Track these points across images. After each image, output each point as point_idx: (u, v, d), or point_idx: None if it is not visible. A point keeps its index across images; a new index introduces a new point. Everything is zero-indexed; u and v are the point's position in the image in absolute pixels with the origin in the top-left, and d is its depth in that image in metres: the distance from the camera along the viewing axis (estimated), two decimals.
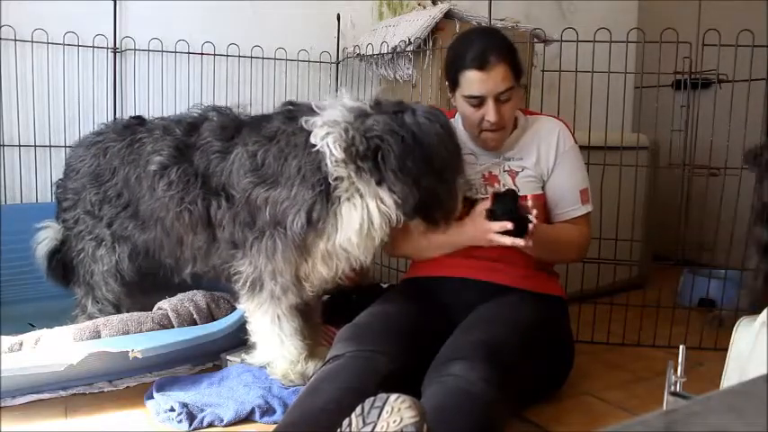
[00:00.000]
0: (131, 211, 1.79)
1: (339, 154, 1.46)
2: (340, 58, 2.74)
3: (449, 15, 2.41)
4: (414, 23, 2.38)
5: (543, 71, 2.12)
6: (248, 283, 1.60)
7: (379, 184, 1.47)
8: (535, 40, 2.41)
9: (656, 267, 2.77)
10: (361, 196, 1.49)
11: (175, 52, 2.43)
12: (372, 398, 1.09)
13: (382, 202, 1.48)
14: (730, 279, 2.29)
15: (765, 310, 1.04)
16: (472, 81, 1.55)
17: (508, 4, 2.89)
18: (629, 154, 2.20)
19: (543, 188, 1.69)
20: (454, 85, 1.61)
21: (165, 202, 1.68)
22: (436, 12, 2.38)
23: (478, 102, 1.56)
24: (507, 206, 1.41)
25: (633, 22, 3.15)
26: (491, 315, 1.49)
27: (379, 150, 1.45)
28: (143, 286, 1.91)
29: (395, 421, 1.04)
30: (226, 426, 1.42)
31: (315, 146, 1.49)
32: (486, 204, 1.45)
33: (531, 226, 1.39)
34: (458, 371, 1.28)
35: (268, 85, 2.63)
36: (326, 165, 1.47)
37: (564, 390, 1.65)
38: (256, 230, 1.58)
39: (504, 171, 1.67)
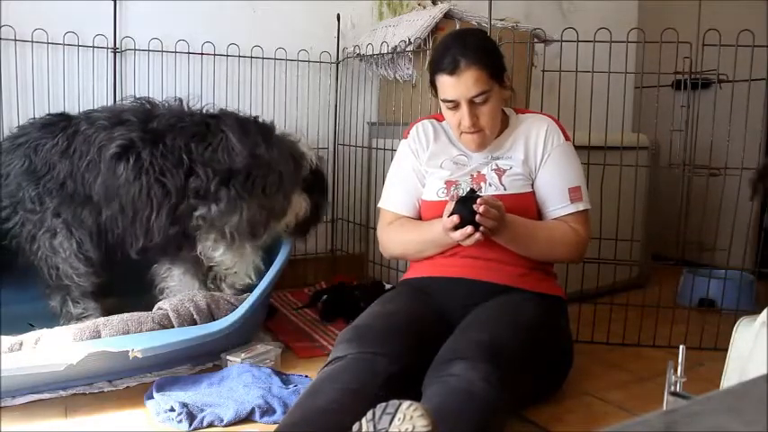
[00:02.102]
0: (82, 197, 1.86)
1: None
2: (340, 58, 2.74)
3: (449, 15, 2.41)
4: (414, 23, 2.38)
5: (543, 71, 2.12)
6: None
7: None
8: (535, 40, 2.41)
9: (656, 267, 2.77)
10: None
11: (175, 52, 2.43)
12: (384, 403, 1.09)
13: None
14: (730, 279, 2.29)
15: (765, 310, 1.04)
16: (445, 86, 1.58)
17: (508, 4, 2.89)
18: (629, 154, 2.20)
19: (533, 186, 1.68)
20: (435, 89, 1.64)
21: (129, 182, 1.84)
22: (436, 12, 2.38)
23: (454, 105, 1.59)
24: (461, 206, 1.48)
25: (633, 22, 3.15)
26: (490, 315, 1.49)
27: None
28: (109, 264, 1.95)
29: (407, 429, 1.03)
30: (226, 426, 1.42)
31: None
32: (450, 206, 1.51)
33: (477, 217, 1.44)
34: (459, 371, 1.27)
35: (268, 85, 2.63)
36: None
37: (564, 390, 1.65)
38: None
39: (492, 170, 1.66)
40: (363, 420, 1.08)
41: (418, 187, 1.73)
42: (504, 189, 1.63)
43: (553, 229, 1.64)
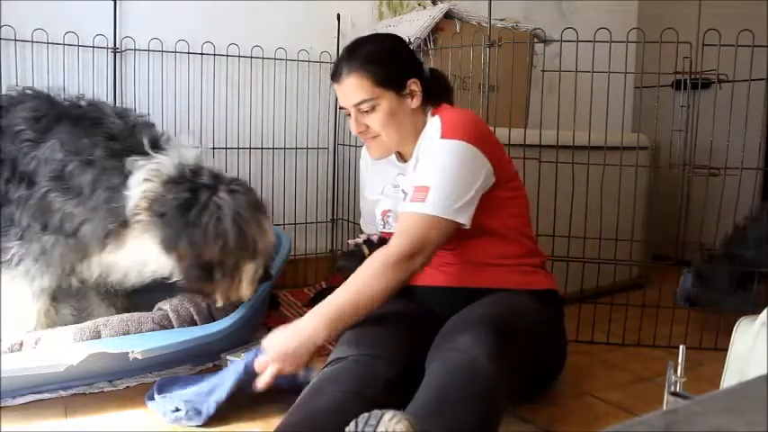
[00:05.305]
0: None
1: (143, 203, 1.65)
2: None
3: (449, 15, 2.41)
4: (414, 23, 2.38)
5: (543, 71, 2.12)
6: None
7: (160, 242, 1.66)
8: (535, 40, 2.41)
9: (656, 267, 2.77)
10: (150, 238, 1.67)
11: (175, 52, 2.43)
12: (367, 414, 1.09)
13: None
14: None
15: (765, 310, 1.04)
16: (337, 93, 1.59)
17: (508, 4, 2.89)
18: (629, 154, 2.20)
19: None
20: None
21: None
22: (436, 12, 2.38)
23: (347, 113, 1.59)
24: (345, 261, 1.57)
25: (633, 22, 3.15)
26: (489, 299, 1.49)
27: (165, 218, 1.64)
28: None
29: None
30: (227, 397, 1.44)
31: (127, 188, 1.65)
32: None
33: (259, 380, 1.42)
34: (462, 344, 1.26)
35: (268, 85, 2.63)
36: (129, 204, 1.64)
37: (564, 390, 1.65)
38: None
39: (404, 194, 1.60)
40: (347, 430, 1.08)
41: (373, 213, 1.74)
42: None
43: (357, 275, 1.42)
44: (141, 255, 1.71)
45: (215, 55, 2.49)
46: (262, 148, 2.63)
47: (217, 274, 1.68)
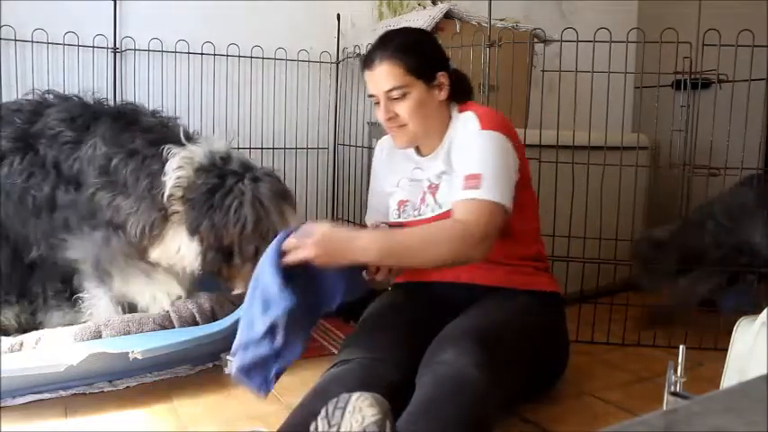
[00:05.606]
0: None
1: (177, 192, 1.72)
2: (340, 58, 2.74)
3: (449, 15, 2.41)
4: (414, 23, 2.38)
5: (543, 71, 2.12)
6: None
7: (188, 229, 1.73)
8: (535, 40, 2.41)
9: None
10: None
11: (175, 52, 2.43)
12: (336, 399, 1.11)
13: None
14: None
15: (765, 310, 1.04)
16: (366, 80, 1.60)
17: (508, 4, 2.89)
18: (629, 154, 2.20)
19: None
20: None
21: (5, 189, 1.78)
22: (436, 12, 2.38)
23: (376, 100, 1.60)
24: None
25: (633, 22, 3.15)
26: (482, 307, 1.50)
27: (192, 202, 1.71)
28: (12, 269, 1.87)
29: (357, 420, 1.05)
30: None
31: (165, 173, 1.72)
32: None
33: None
34: (448, 358, 1.27)
35: (268, 85, 2.63)
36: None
37: (564, 390, 1.65)
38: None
39: (428, 186, 1.61)
40: (319, 418, 1.10)
41: (386, 205, 1.74)
42: (440, 207, 1.57)
43: (428, 230, 1.45)
44: (179, 248, 1.76)
45: (215, 55, 2.49)
46: (262, 148, 2.63)
47: (236, 258, 1.71)
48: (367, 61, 1.58)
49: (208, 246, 1.72)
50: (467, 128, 1.55)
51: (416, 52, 1.58)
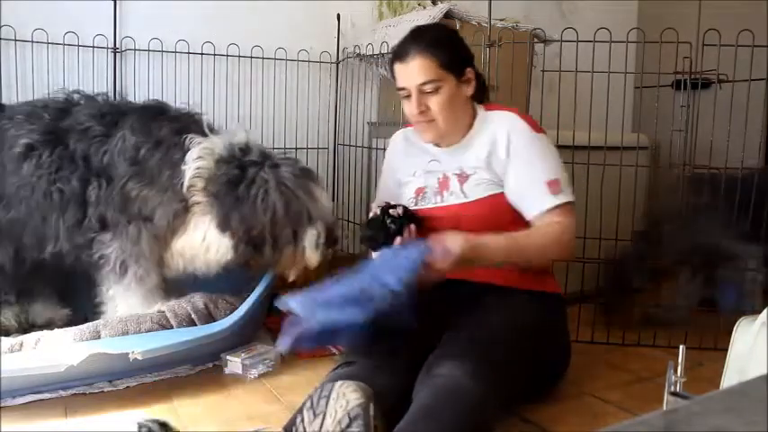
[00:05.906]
0: None
1: (198, 183, 1.74)
2: (340, 58, 2.74)
3: (449, 15, 2.41)
4: (414, 23, 2.38)
5: (543, 71, 2.12)
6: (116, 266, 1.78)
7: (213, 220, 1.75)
8: (535, 40, 2.41)
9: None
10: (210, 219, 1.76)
11: (175, 52, 2.43)
12: (320, 388, 1.13)
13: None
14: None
15: (765, 310, 1.04)
16: (397, 73, 1.61)
17: (508, 4, 2.89)
18: (629, 154, 2.19)
19: (504, 188, 1.61)
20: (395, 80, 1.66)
21: (31, 183, 1.78)
22: (436, 12, 2.38)
23: (406, 94, 1.60)
24: (367, 229, 1.58)
25: (633, 22, 3.15)
26: (479, 315, 1.50)
27: (217, 197, 1.73)
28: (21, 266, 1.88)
29: (341, 406, 1.08)
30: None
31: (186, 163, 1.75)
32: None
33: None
34: (445, 370, 1.28)
35: (268, 85, 2.63)
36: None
37: (564, 390, 1.65)
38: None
39: (455, 175, 1.63)
40: (304, 409, 1.12)
41: (396, 195, 1.74)
42: (465, 196, 1.59)
43: (538, 232, 1.55)
44: (204, 238, 1.78)
45: (215, 55, 2.49)
46: None
47: (266, 247, 1.75)
48: (400, 54, 1.59)
49: (239, 239, 1.73)
50: (515, 129, 1.60)
51: (448, 47, 1.60)
